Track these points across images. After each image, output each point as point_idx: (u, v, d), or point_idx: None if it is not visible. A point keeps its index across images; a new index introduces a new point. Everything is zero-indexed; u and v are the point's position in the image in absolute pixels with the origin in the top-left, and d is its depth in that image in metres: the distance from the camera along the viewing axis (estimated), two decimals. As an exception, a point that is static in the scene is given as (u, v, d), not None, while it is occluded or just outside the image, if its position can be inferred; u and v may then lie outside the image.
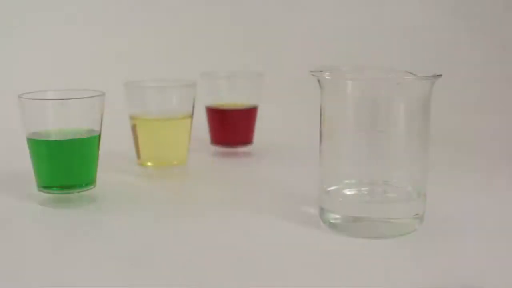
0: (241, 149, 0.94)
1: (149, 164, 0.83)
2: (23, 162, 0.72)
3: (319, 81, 0.62)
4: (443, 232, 0.63)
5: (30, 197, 0.71)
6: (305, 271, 0.55)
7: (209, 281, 0.53)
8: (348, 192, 0.64)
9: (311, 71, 0.62)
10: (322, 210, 0.64)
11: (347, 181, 0.64)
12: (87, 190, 0.70)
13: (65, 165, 0.69)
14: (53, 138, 0.70)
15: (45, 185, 0.69)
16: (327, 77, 0.61)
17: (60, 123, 0.70)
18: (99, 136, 0.71)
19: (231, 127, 0.93)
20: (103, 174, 0.83)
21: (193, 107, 0.83)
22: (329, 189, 0.63)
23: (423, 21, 1.14)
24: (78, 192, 0.70)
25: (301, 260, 0.57)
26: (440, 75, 0.59)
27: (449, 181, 0.77)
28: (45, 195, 0.71)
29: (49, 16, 1.18)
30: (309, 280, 0.53)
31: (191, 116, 0.83)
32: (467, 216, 0.67)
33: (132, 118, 0.82)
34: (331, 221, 0.63)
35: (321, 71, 0.62)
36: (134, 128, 0.82)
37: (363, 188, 0.64)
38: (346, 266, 0.56)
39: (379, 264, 0.56)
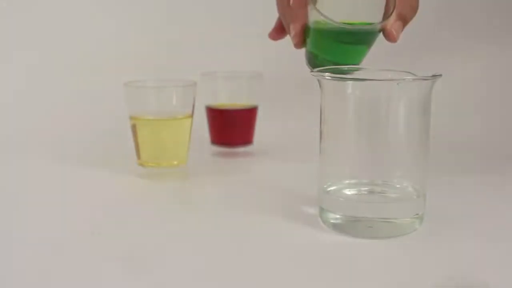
0: (241, 149, 0.94)
1: (149, 164, 0.83)
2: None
3: (319, 81, 0.62)
4: (443, 232, 0.63)
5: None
6: (305, 271, 0.55)
7: (209, 281, 0.53)
8: (348, 192, 0.64)
9: (311, 71, 0.62)
10: (322, 210, 0.64)
11: (347, 181, 0.64)
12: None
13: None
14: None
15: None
16: (327, 77, 0.61)
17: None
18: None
19: (231, 127, 0.93)
20: (102, 174, 0.83)
21: (193, 107, 0.83)
22: (329, 189, 0.63)
23: (423, 21, 1.14)
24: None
25: (301, 260, 0.57)
26: (440, 75, 0.59)
27: (449, 181, 0.77)
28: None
29: (50, 16, 1.18)
30: (309, 280, 0.53)
31: (191, 116, 0.83)
32: (467, 216, 0.67)
33: (132, 118, 0.82)
34: (331, 221, 0.63)
35: (321, 71, 0.62)
36: (134, 128, 0.82)
37: (363, 188, 0.64)
38: (346, 266, 0.56)
39: (379, 264, 0.56)
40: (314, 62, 0.70)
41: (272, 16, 0.79)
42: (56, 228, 0.65)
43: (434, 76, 0.59)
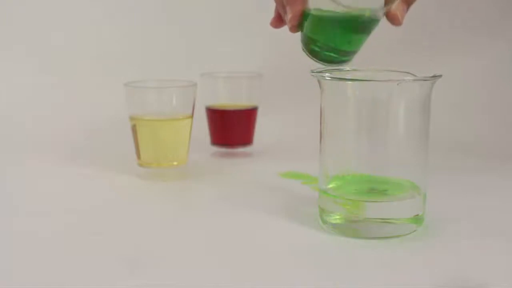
0: (241, 150, 0.94)
1: (149, 164, 0.83)
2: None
3: (319, 81, 0.62)
4: (443, 232, 0.63)
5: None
6: (305, 271, 0.55)
7: (209, 281, 0.53)
8: (348, 192, 0.64)
9: (311, 71, 0.62)
10: (322, 210, 0.64)
11: (347, 181, 0.64)
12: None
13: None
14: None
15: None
16: (327, 77, 0.61)
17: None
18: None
19: (231, 127, 0.93)
20: (102, 174, 0.83)
21: (193, 107, 0.83)
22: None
23: (423, 21, 1.14)
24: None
25: (301, 260, 0.57)
26: (440, 75, 0.59)
27: (449, 181, 0.77)
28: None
29: (50, 16, 1.18)
30: (309, 280, 0.53)
31: (191, 116, 0.83)
32: (467, 216, 0.67)
33: (132, 118, 0.82)
34: (331, 221, 0.63)
35: (321, 71, 0.62)
36: (134, 128, 0.82)
37: (363, 188, 0.64)
38: (346, 266, 0.56)
39: (379, 264, 0.56)
40: (311, 48, 0.68)
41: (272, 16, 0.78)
42: (56, 228, 0.65)
43: (434, 76, 0.59)
